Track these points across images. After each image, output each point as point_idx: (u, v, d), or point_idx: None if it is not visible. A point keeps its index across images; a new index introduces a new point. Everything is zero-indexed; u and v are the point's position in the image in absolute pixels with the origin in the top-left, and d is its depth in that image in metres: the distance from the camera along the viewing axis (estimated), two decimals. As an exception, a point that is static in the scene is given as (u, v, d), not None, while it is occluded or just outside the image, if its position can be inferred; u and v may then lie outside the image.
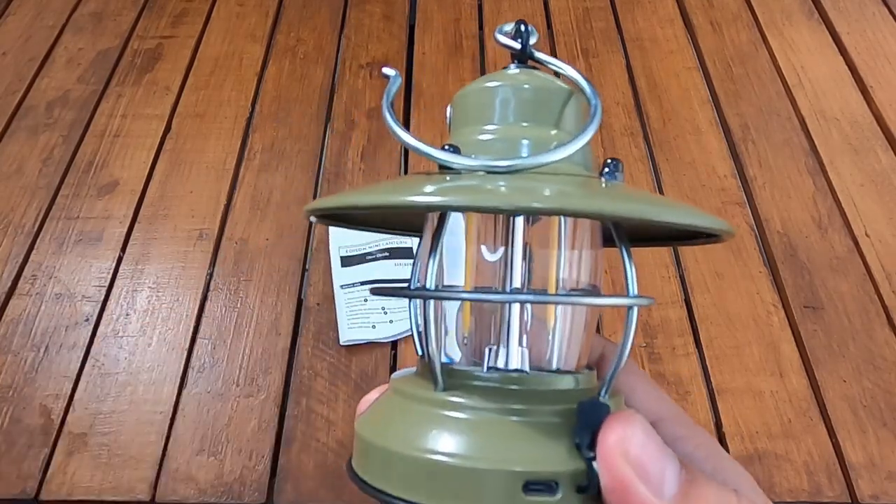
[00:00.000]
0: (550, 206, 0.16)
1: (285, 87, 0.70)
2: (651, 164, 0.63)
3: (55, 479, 0.45)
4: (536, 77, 0.20)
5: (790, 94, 0.69)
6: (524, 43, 0.20)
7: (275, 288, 0.54)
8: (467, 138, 0.19)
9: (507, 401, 0.18)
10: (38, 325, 0.52)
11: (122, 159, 0.64)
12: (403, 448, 0.17)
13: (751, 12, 0.78)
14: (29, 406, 0.48)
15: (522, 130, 0.19)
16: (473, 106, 0.20)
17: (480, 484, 0.16)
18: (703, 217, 0.17)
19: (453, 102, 0.21)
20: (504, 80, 0.20)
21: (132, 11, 0.78)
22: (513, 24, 0.21)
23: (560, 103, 0.19)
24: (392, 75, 0.20)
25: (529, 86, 0.19)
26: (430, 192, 0.16)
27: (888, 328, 0.52)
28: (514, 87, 0.19)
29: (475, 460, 0.16)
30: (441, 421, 0.17)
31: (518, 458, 0.16)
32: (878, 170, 0.62)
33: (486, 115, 0.19)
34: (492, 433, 0.17)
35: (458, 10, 0.79)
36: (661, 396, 0.22)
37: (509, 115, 0.19)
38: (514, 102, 0.19)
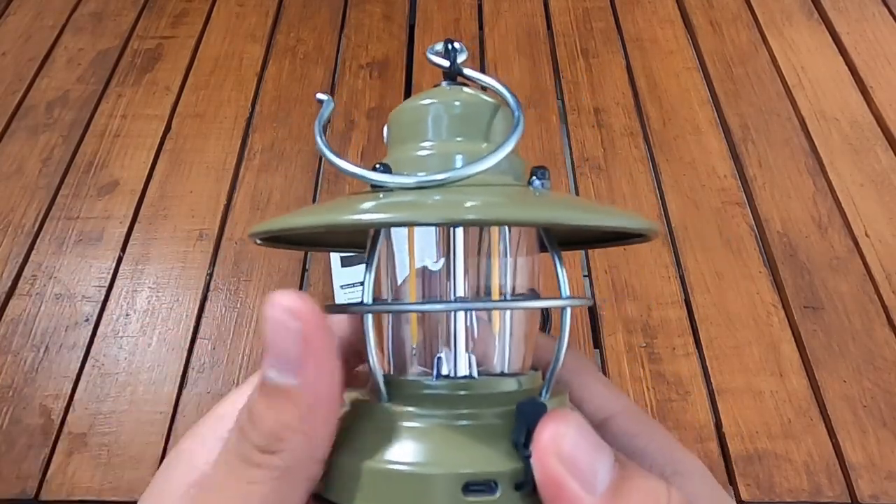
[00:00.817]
0: (480, 217, 0.17)
1: (285, 87, 0.70)
2: (651, 164, 0.63)
3: (55, 480, 0.45)
4: (465, 93, 0.20)
5: (790, 95, 0.69)
6: (452, 61, 0.21)
7: (275, 288, 0.54)
8: (403, 155, 0.20)
9: (451, 406, 0.18)
10: (38, 326, 0.52)
11: (122, 159, 0.64)
12: (347, 458, 0.18)
13: (751, 12, 0.78)
14: (29, 406, 0.48)
15: (454, 146, 0.20)
16: (407, 124, 0.21)
17: (422, 488, 0.17)
18: (628, 219, 0.18)
19: (389, 121, 0.21)
20: (435, 98, 0.20)
21: (132, 11, 0.78)
22: (443, 42, 0.22)
23: (488, 117, 0.20)
24: (325, 100, 0.21)
25: (458, 102, 0.20)
26: (366, 210, 0.16)
27: (888, 328, 0.52)
28: (444, 104, 0.20)
29: (416, 466, 0.17)
30: (384, 431, 0.18)
31: (458, 460, 0.17)
32: (878, 170, 0.62)
33: (419, 132, 0.20)
34: (433, 439, 0.18)
35: (458, 10, 0.79)
36: (614, 394, 0.22)
37: (441, 132, 0.20)
38: (445, 119, 0.20)
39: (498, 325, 0.21)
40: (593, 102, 0.68)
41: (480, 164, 0.18)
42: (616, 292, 0.54)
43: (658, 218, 0.59)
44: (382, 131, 0.20)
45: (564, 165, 0.63)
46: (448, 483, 0.17)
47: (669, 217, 0.59)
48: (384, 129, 0.22)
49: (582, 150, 0.64)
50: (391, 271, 0.21)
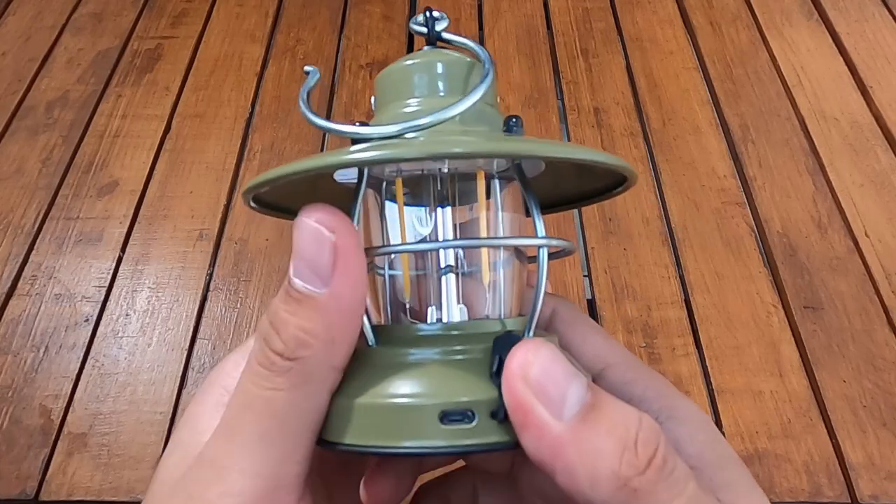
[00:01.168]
0: (462, 151, 0.18)
1: (285, 87, 0.70)
2: (651, 164, 0.63)
3: (55, 480, 0.45)
4: (443, 54, 0.22)
5: (790, 95, 0.69)
6: (430, 27, 0.23)
7: (275, 288, 0.54)
8: (388, 114, 0.22)
9: (434, 345, 0.20)
10: (38, 326, 0.52)
11: (121, 159, 0.64)
12: (337, 399, 0.19)
13: (750, 12, 0.78)
14: (29, 406, 0.48)
15: (436, 101, 0.21)
16: (390, 86, 0.22)
17: (404, 419, 0.18)
18: (599, 154, 0.19)
19: (375, 86, 0.23)
20: (416, 59, 0.22)
21: (132, 12, 0.78)
22: (424, 13, 0.23)
23: (465, 73, 0.22)
24: (311, 70, 0.22)
25: (437, 62, 0.22)
26: (355, 152, 0.17)
27: (888, 328, 0.52)
28: (424, 64, 0.22)
29: (398, 398, 0.18)
30: (370, 370, 0.20)
31: (437, 392, 0.18)
32: (878, 170, 0.62)
33: (402, 92, 0.22)
34: (415, 374, 0.19)
35: (458, 10, 0.79)
36: (610, 344, 0.23)
37: (423, 90, 0.22)
38: (425, 78, 0.22)
39: (487, 272, 0.22)
40: (593, 102, 0.68)
41: (456, 107, 0.19)
42: (616, 292, 0.54)
43: (658, 218, 0.59)
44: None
45: (564, 165, 0.63)
46: (423, 413, 0.18)
47: (669, 217, 0.59)
48: (371, 98, 0.24)
49: (582, 150, 0.64)
50: (384, 233, 0.22)
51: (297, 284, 0.19)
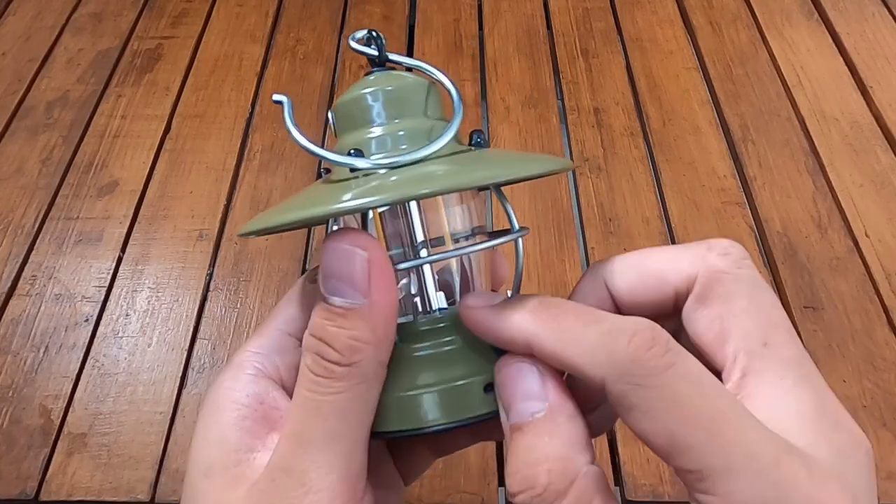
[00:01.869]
0: (445, 187, 0.21)
1: (285, 87, 0.70)
2: (651, 164, 0.63)
3: (55, 480, 0.45)
4: (399, 77, 0.24)
5: (790, 95, 0.69)
6: (380, 49, 0.24)
7: (275, 288, 0.54)
8: (359, 139, 0.23)
9: (445, 334, 0.23)
10: (38, 326, 0.52)
11: (121, 159, 0.64)
12: (388, 394, 0.22)
13: (750, 13, 0.78)
14: (29, 406, 0.48)
15: (402, 125, 0.23)
16: (355, 111, 0.23)
17: (456, 396, 0.22)
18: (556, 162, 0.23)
19: (335, 109, 0.24)
20: (375, 86, 0.23)
21: (132, 12, 0.78)
22: (364, 31, 0.24)
23: (424, 95, 0.24)
24: (283, 101, 0.25)
25: (396, 86, 0.23)
26: (356, 196, 0.20)
27: (888, 328, 0.52)
28: (382, 90, 0.23)
29: (445, 383, 0.22)
30: (404, 366, 0.23)
31: (479, 370, 0.22)
32: (878, 170, 0.62)
33: (367, 117, 0.23)
34: (441, 360, 0.23)
35: (458, 10, 0.79)
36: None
37: (385, 115, 0.23)
38: (386, 103, 0.23)
39: (456, 264, 0.25)
40: (593, 102, 0.68)
41: (443, 137, 0.22)
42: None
43: (658, 218, 0.59)
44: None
45: (564, 165, 0.63)
46: (475, 387, 0.22)
47: (669, 217, 0.59)
48: (328, 115, 0.25)
49: (582, 150, 0.64)
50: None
51: (338, 301, 0.21)
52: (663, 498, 0.44)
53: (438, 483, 0.44)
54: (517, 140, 0.65)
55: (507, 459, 0.20)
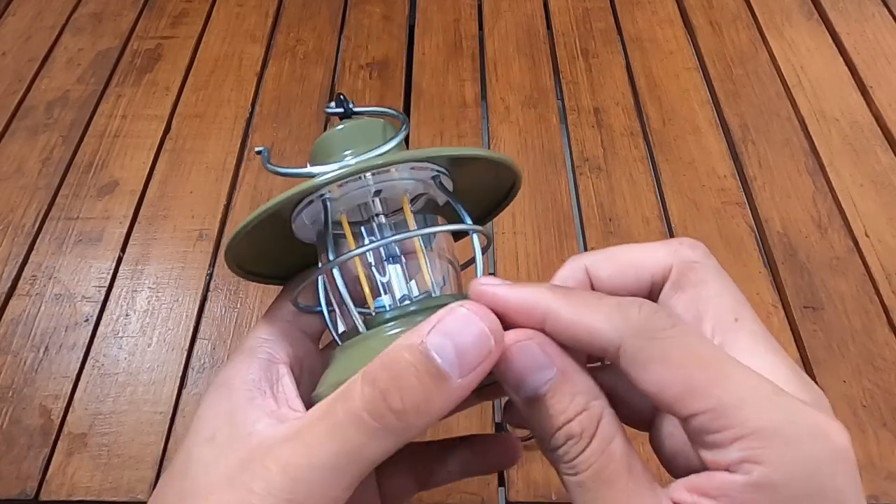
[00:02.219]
0: (389, 161, 0.25)
1: (285, 87, 0.70)
2: (651, 164, 0.63)
3: (55, 480, 0.45)
4: (364, 121, 0.30)
5: (790, 95, 0.69)
6: (345, 107, 0.30)
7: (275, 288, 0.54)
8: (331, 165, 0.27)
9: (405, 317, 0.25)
10: (38, 326, 0.52)
11: (121, 159, 0.64)
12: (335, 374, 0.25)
13: (750, 12, 0.78)
14: (29, 406, 0.48)
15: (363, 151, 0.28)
16: (327, 147, 0.29)
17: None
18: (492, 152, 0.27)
19: (313, 150, 0.29)
20: (342, 127, 0.29)
21: (132, 12, 0.78)
22: (334, 99, 0.30)
23: (381, 131, 0.29)
24: (263, 150, 0.29)
25: (359, 126, 0.29)
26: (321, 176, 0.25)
27: (888, 328, 0.52)
28: (349, 129, 0.29)
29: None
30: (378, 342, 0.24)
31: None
32: (878, 170, 0.62)
33: (337, 151, 0.28)
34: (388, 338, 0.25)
35: (458, 10, 0.79)
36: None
37: (354, 146, 0.28)
38: (351, 139, 0.28)
39: (421, 256, 0.27)
40: (593, 102, 0.68)
41: (387, 145, 0.27)
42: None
43: (658, 218, 0.59)
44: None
45: (564, 165, 0.63)
46: None
47: (669, 217, 0.59)
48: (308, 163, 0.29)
49: (582, 150, 0.64)
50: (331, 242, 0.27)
51: (438, 362, 0.20)
52: (663, 498, 0.44)
53: (438, 483, 0.44)
54: (517, 140, 0.65)
55: (534, 427, 0.21)
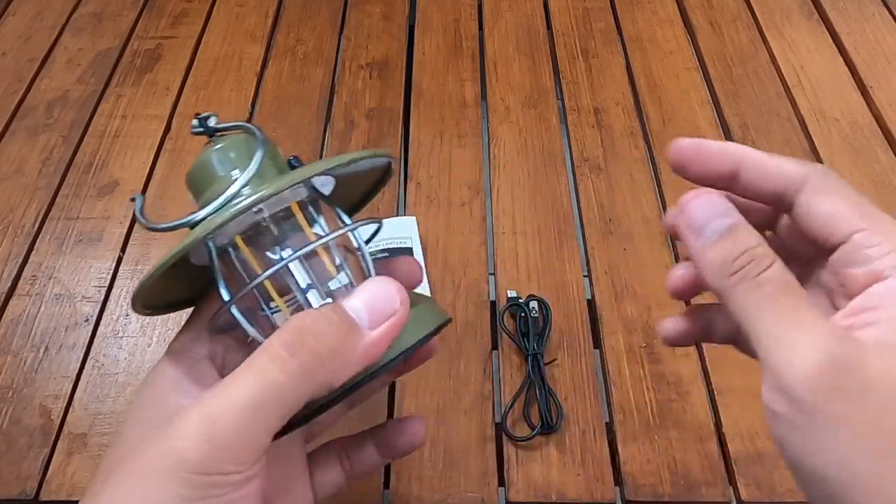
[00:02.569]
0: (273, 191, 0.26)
1: (285, 87, 0.70)
2: (651, 164, 0.63)
3: (55, 480, 0.45)
4: (228, 140, 0.31)
5: (790, 95, 0.69)
6: (206, 127, 0.31)
7: (275, 288, 0.54)
8: (211, 197, 0.29)
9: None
10: (38, 326, 0.52)
11: (122, 159, 0.64)
12: None
13: (750, 12, 0.78)
14: (29, 406, 0.48)
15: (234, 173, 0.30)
16: (203, 178, 0.30)
17: None
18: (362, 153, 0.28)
19: (191, 181, 0.31)
20: (208, 152, 0.30)
21: (132, 12, 0.78)
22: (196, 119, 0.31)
23: (246, 147, 0.30)
24: (137, 198, 0.32)
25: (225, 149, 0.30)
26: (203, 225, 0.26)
27: (888, 328, 0.52)
28: (214, 152, 0.30)
29: None
30: None
31: None
32: (878, 170, 0.62)
33: (215, 181, 0.30)
34: None
35: (458, 10, 0.79)
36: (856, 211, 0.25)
37: (225, 169, 0.30)
38: (221, 161, 0.30)
39: (332, 268, 0.29)
40: (593, 102, 0.68)
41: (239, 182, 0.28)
42: (616, 292, 0.54)
43: (658, 218, 0.59)
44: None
45: (564, 165, 0.63)
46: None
47: (669, 217, 0.59)
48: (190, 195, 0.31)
49: (582, 150, 0.64)
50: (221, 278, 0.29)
51: (350, 314, 0.24)
52: (663, 498, 0.44)
53: (438, 483, 0.44)
54: (517, 140, 0.65)
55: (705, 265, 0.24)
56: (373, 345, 0.24)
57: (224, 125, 0.31)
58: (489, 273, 0.55)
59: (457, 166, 0.62)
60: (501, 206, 0.59)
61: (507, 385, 0.49)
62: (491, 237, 0.58)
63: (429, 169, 0.62)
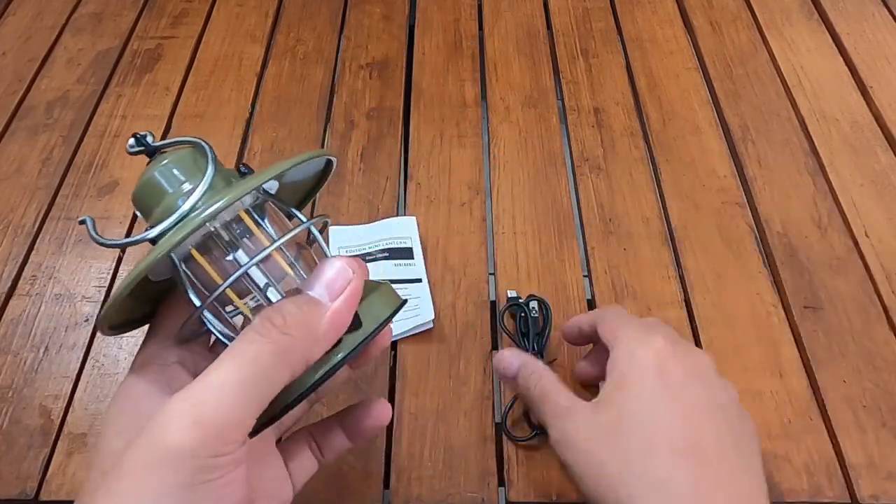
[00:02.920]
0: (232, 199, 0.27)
1: (285, 87, 0.70)
2: (651, 164, 0.63)
3: (55, 480, 0.45)
4: (172, 155, 0.31)
5: (790, 95, 0.69)
6: (145, 145, 0.31)
7: (275, 288, 0.54)
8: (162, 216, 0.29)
9: None
10: (38, 326, 0.52)
11: (122, 159, 0.64)
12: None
13: (750, 12, 0.78)
14: (29, 406, 0.48)
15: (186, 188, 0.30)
16: (152, 194, 0.30)
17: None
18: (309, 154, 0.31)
19: (138, 198, 0.31)
20: (154, 170, 0.30)
21: (132, 12, 0.78)
22: (132, 139, 0.31)
23: (193, 160, 0.31)
24: (87, 220, 0.30)
25: (169, 162, 0.31)
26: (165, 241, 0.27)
27: (888, 328, 0.52)
28: (160, 170, 0.30)
29: None
30: None
31: None
32: (878, 170, 0.62)
33: (160, 193, 0.30)
34: None
35: (458, 10, 0.79)
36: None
37: (173, 185, 0.30)
38: (168, 177, 0.30)
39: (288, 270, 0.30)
40: (593, 102, 0.68)
41: (193, 196, 0.29)
42: (616, 292, 0.54)
43: (658, 218, 0.59)
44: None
45: (564, 165, 0.63)
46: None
47: (669, 217, 0.59)
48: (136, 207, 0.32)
49: (582, 150, 0.64)
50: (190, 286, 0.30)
51: (310, 292, 0.26)
52: (663, 498, 0.44)
53: (438, 483, 0.44)
54: (517, 140, 0.65)
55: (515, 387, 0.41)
56: (336, 314, 0.26)
57: (164, 142, 0.32)
58: (489, 273, 0.55)
59: (457, 166, 0.62)
60: (501, 206, 0.59)
61: (507, 385, 0.49)
62: (491, 237, 0.58)
63: (429, 169, 0.62)
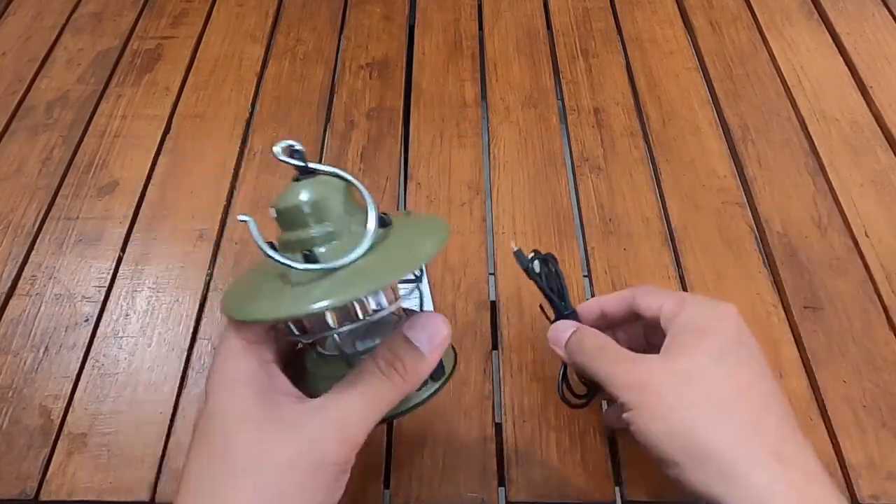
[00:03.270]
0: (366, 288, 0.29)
1: (285, 87, 0.70)
2: (651, 164, 0.63)
3: (55, 480, 0.45)
4: (325, 183, 0.31)
5: (790, 95, 0.69)
6: (304, 161, 0.31)
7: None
8: (302, 237, 0.31)
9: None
10: (38, 326, 0.52)
11: (122, 159, 0.64)
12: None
13: (750, 12, 0.78)
14: (29, 406, 0.48)
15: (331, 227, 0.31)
16: (294, 214, 0.31)
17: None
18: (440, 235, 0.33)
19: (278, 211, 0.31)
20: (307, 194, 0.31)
21: (132, 11, 0.78)
22: (286, 143, 0.31)
23: (344, 196, 0.31)
24: (248, 220, 0.30)
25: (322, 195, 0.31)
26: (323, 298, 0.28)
27: (888, 328, 0.52)
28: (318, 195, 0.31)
29: None
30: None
31: None
32: (878, 170, 0.62)
33: (302, 220, 0.31)
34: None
35: (458, 10, 0.79)
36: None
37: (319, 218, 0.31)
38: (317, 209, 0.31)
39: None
40: (593, 102, 0.68)
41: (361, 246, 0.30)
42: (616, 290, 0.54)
43: (658, 218, 0.59)
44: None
45: (564, 165, 0.63)
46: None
47: (669, 217, 0.59)
48: (271, 211, 0.32)
49: (582, 150, 0.64)
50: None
51: (420, 345, 0.33)
52: (663, 498, 0.44)
53: (438, 483, 0.44)
54: (517, 140, 0.65)
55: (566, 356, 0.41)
56: (429, 366, 0.33)
57: (324, 168, 0.32)
58: (489, 273, 0.55)
59: (457, 166, 0.62)
60: (501, 206, 0.59)
61: (507, 385, 0.49)
62: (491, 237, 0.58)
63: (429, 169, 0.62)
